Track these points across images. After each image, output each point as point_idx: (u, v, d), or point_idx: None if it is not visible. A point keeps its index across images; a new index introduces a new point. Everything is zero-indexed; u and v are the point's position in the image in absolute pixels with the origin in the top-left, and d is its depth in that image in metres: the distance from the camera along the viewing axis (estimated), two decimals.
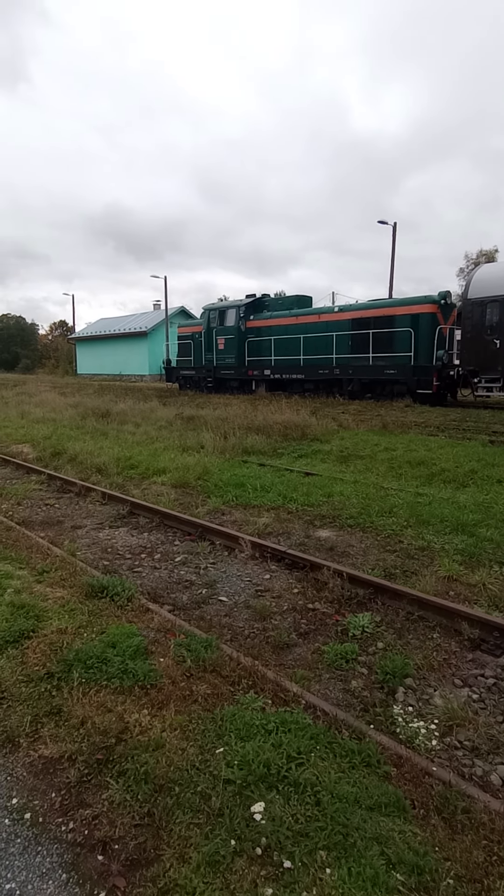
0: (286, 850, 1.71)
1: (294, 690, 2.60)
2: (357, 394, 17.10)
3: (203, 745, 2.17)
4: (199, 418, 12.67)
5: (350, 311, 18.07)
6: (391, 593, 3.71)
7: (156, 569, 4.46)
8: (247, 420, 11.73)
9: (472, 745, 2.38)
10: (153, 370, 37.39)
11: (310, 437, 10.26)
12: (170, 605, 3.77)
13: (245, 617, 3.61)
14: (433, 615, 3.46)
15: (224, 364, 21.57)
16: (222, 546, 4.88)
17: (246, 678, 2.68)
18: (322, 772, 2.02)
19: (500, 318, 14.08)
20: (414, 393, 15.66)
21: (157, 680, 2.59)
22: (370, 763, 2.11)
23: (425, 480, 7.06)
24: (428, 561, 4.40)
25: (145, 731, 2.21)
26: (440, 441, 9.58)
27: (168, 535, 5.28)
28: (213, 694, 2.55)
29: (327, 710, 2.46)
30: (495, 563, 4.29)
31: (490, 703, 2.69)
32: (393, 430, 10.84)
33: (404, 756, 2.17)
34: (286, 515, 5.72)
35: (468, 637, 3.21)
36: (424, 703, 2.68)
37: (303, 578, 4.14)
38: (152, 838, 1.78)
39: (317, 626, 3.48)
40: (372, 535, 5.05)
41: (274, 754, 2.08)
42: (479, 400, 15.70)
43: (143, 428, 11.98)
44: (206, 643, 2.94)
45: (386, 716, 2.59)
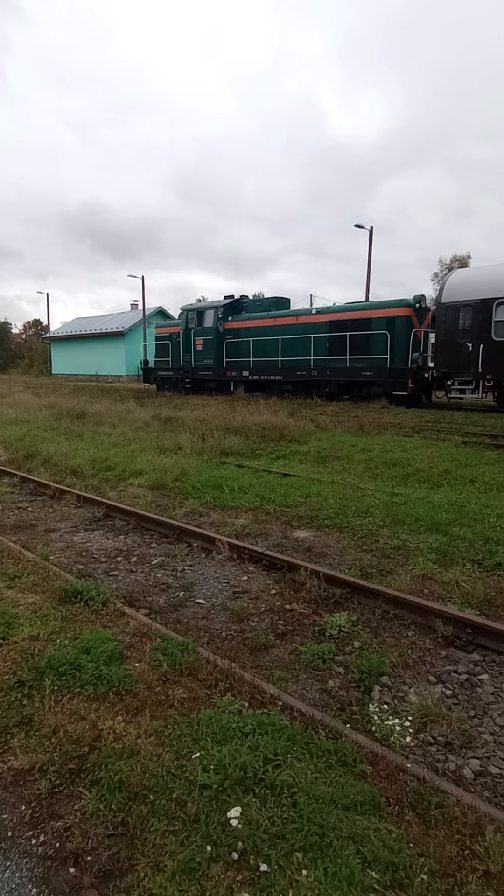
0: (262, 854, 1.70)
1: (271, 692, 2.59)
2: (334, 395, 17.24)
3: (179, 750, 2.15)
4: (176, 419, 12.60)
5: (327, 313, 18.22)
6: (367, 592, 3.73)
7: (132, 572, 4.41)
8: (225, 421, 11.71)
9: (446, 740, 2.41)
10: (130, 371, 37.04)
11: (288, 439, 10.30)
12: (146, 609, 3.73)
13: (222, 619, 3.59)
14: (408, 613, 3.50)
15: (202, 365, 21.50)
16: (200, 548, 4.86)
17: (223, 681, 2.67)
18: (299, 773, 2.02)
19: (473, 322, 14.38)
20: (390, 394, 15.87)
21: (132, 685, 2.55)
22: (346, 762, 2.11)
23: (401, 481, 7.14)
24: (403, 560, 4.45)
25: (119, 739, 2.17)
26: (415, 442, 9.72)
27: (145, 538, 5.22)
28: (190, 698, 2.52)
29: (304, 710, 2.47)
30: (468, 561, 4.36)
31: (463, 699, 2.73)
32: (369, 431, 10.95)
33: (379, 754, 2.19)
34: (264, 516, 5.72)
35: (442, 634, 3.25)
36: (400, 701, 2.71)
37: (280, 579, 4.14)
38: (126, 848, 1.75)
39: (294, 626, 3.49)
40: (349, 535, 5.09)
41: (251, 757, 2.07)
42: (452, 402, 15.99)
43: (119, 429, 11.85)
44: (183, 646, 2.91)
45: (362, 714, 2.60)
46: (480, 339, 14.20)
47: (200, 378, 21.82)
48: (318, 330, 17.81)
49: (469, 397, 15.26)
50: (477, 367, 14.35)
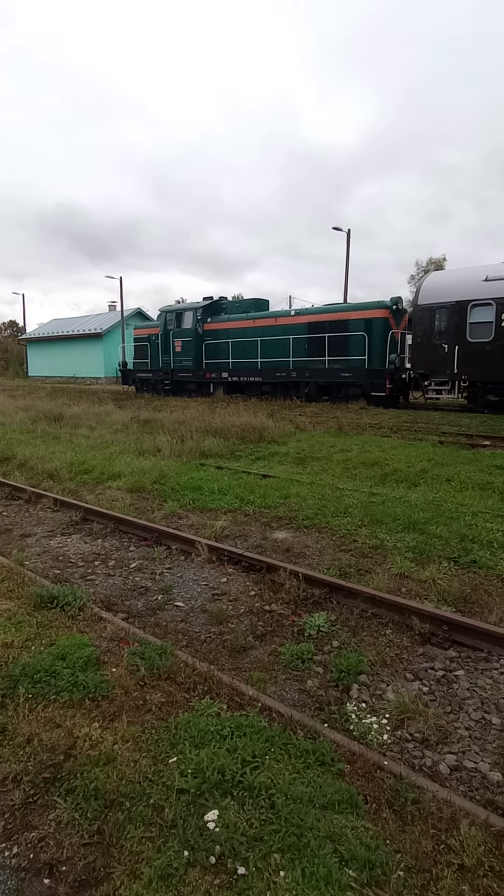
0: (240, 857, 1.69)
1: (250, 693, 2.59)
2: (314, 396, 17.35)
3: (156, 755, 2.13)
4: (155, 421, 12.52)
5: (306, 314, 18.33)
6: (346, 592, 3.76)
7: (110, 576, 4.36)
8: (204, 423, 11.67)
9: (423, 736, 2.44)
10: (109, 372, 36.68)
11: (267, 440, 10.32)
12: (124, 613, 3.69)
13: (201, 621, 3.58)
14: (386, 612, 3.53)
15: (181, 366, 21.42)
16: (179, 550, 4.83)
17: (201, 684, 2.65)
18: (277, 774, 2.02)
19: (449, 323, 14.62)
20: (368, 395, 16.04)
21: (108, 691, 2.52)
22: (324, 762, 2.12)
23: (379, 480, 7.22)
24: (381, 559, 4.50)
25: (96, 745, 2.14)
26: (393, 442, 9.84)
27: (123, 541, 5.17)
28: (168, 702, 2.50)
29: (283, 711, 2.47)
30: (444, 559, 4.43)
31: (439, 695, 2.76)
32: (348, 432, 11.04)
33: (357, 752, 2.20)
34: (243, 518, 5.71)
35: (419, 632, 3.29)
36: (378, 699, 2.73)
37: (260, 580, 4.14)
38: (102, 856, 1.72)
39: (273, 627, 3.49)
40: (327, 536, 5.12)
41: (229, 760, 2.06)
42: (429, 402, 16.24)
43: (97, 432, 11.72)
44: (161, 650, 2.89)
45: (340, 713, 2.62)
46: (456, 341, 14.45)
47: (180, 380, 21.73)
48: (297, 331, 17.90)
49: (445, 398, 15.52)
50: (453, 368, 14.60)
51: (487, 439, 10.06)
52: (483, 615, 3.53)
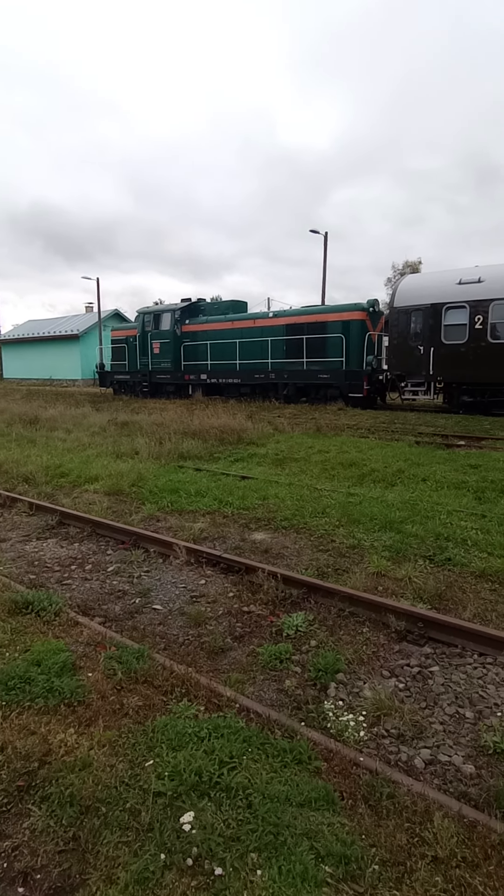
0: (217, 858, 1.70)
1: (227, 695, 2.59)
2: (292, 398, 17.43)
3: (133, 759, 2.12)
4: (133, 424, 12.42)
5: (284, 316, 18.40)
6: (324, 592, 3.79)
7: (87, 580, 4.31)
8: (183, 425, 11.63)
9: (398, 732, 2.48)
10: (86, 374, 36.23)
11: (246, 441, 10.33)
12: (101, 617, 3.65)
13: (180, 624, 3.56)
14: (363, 610, 3.57)
15: (160, 368, 21.29)
16: (157, 553, 4.80)
17: (179, 686, 2.65)
18: (254, 774, 2.03)
19: (424, 326, 14.86)
20: (346, 396, 16.19)
21: (84, 696, 2.49)
22: (301, 760, 2.14)
23: (356, 481, 7.29)
24: (358, 558, 4.55)
25: (71, 751, 2.12)
26: (370, 442, 9.95)
27: (100, 545, 5.12)
28: (145, 705, 2.49)
29: (260, 711, 2.48)
30: (420, 557, 4.50)
31: (415, 691, 2.81)
32: (326, 433, 11.13)
33: (334, 750, 2.22)
34: (222, 519, 5.71)
35: (395, 629, 3.34)
36: (355, 697, 2.76)
37: (238, 582, 4.14)
38: (78, 863, 1.71)
39: (252, 628, 3.50)
40: (306, 536, 5.15)
41: (206, 761, 2.06)
42: (406, 403, 16.46)
43: (74, 434, 11.58)
44: (138, 654, 2.87)
45: (318, 712, 2.64)
46: (431, 343, 14.69)
47: (158, 381, 21.60)
48: (275, 333, 17.96)
49: (421, 398, 15.75)
50: (428, 370, 14.83)
51: (462, 439, 10.26)
52: (457, 612, 3.60)
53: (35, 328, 43.52)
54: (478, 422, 12.58)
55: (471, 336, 14.02)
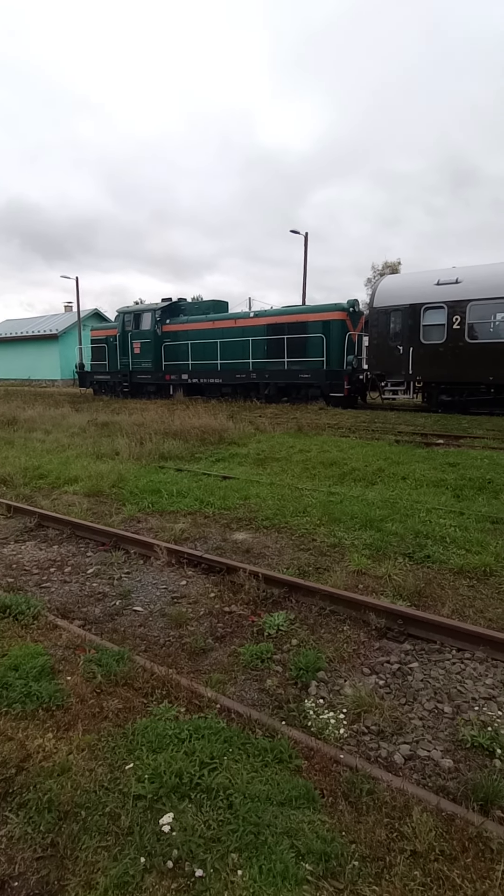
0: (198, 859, 1.69)
1: (208, 695, 2.58)
2: (273, 397, 17.48)
3: (113, 762, 2.10)
4: (114, 424, 12.31)
5: (265, 316, 18.45)
6: (305, 590, 3.81)
7: (66, 583, 4.26)
8: (164, 425, 11.56)
9: (378, 728, 2.50)
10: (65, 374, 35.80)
11: (227, 441, 10.32)
12: (81, 620, 3.61)
13: (160, 625, 3.54)
14: (344, 608, 3.60)
15: (140, 368, 21.15)
16: (137, 554, 4.76)
17: (160, 688, 2.63)
18: (235, 774, 2.02)
19: (403, 326, 15.04)
20: (327, 396, 16.30)
21: (63, 700, 2.46)
22: (282, 759, 2.14)
23: (337, 480, 7.34)
24: (339, 557, 4.58)
25: (49, 756, 2.09)
26: (351, 442, 10.02)
27: (80, 547, 5.06)
28: (125, 708, 2.47)
29: (241, 711, 2.48)
30: (399, 554, 4.55)
31: (395, 687, 2.84)
32: (308, 432, 11.18)
33: (314, 748, 2.23)
34: (203, 520, 5.70)
35: (375, 627, 3.37)
36: (335, 694, 2.78)
37: (219, 582, 4.13)
38: (56, 869, 1.68)
39: (233, 628, 3.49)
40: (287, 535, 5.17)
41: (187, 762, 2.06)
42: (386, 402, 16.64)
43: (53, 435, 11.42)
44: (118, 656, 2.85)
45: (299, 710, 2.64)
46: (410, 343, 14.88)
47: (139, 382, 21.45)
48: (256, 333, 17.99)
49: (401, 398, 15.94)
50: (408, 369, 15.02)
51: (441, 438, 10.41)
52: (436, 608, 3.65)
53: (13, 328, 42.83)
54: (456, 420, 12.77)
55: (449, 336, 14.24)
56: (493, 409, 14.08)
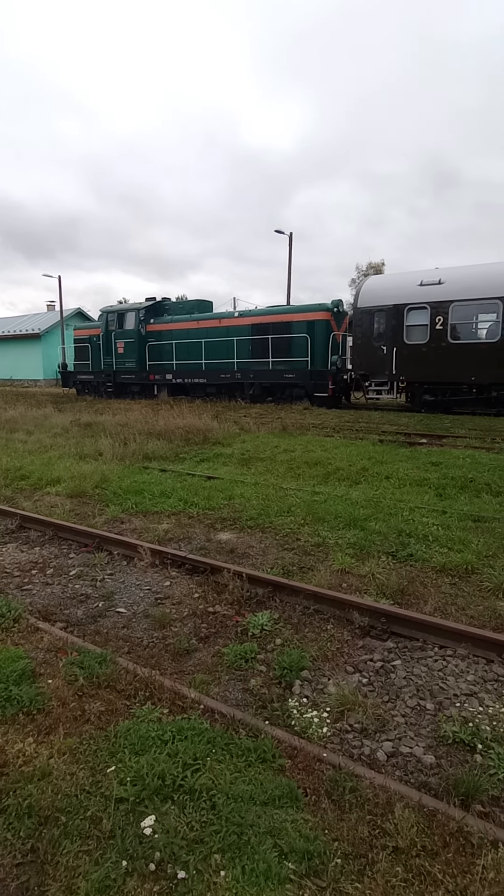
0: (180, 861, 1.68)
1: (192, 696, 2.57)
2: (258, 397, 17.48)
3: (94, 765, 2.08)
4: (97, 424, 12.20)
5: (250, 316, 18.43)
6: (289, 590, 3.81)
7: (48, 585, 4.20)
8: (148, 425, 11.50)
9: (362, 726, 2.51)
10: (48, 374, 35.36)
11: (212, 441, 10.30)
12: (63, 623, 3.57)
13: (144, 627, 3.52)
14: (327, 607, 3.61)
15: (124, 368, 20.99)
16: (121, 556, 4.73)
17: (142, 690, 2.61)
18: (218, 774, 2.02)
19: (387, 326, 15.16)
20: (311, 396, 16.35)
21: (44, 704, 2.43)
22: (266, 759, 2.14)
23: (321, 479, 7.37)
24: (323, 556, 4.60)
25: (30, 761, 2.06)
26: (335, 441, 10.07)
27: (62, 549, 5.00)
28: (108, 710, 2.45)
29: (225, 711, 2.47)
30: (383, 553, 4.59)
31: (378, 685, 2.86)
32: (292, 432, 11.21)
33: (298, 747, 2.24)
34: (187, 520, 5.67)
35: (359, 625, 3.39)
36: (319, 693, 2.79)
37: (203, 582, 4.12)
38: (36, 874, 1.66)
39: (217, 628, 3.48)
40: (271, 535, 5.17)
41: (169, 764, 2.04)
42: (370, 402, 16.76)
43: (35, 436, 11.28)
44: (101, 658, 2.82)
45: (283, 710, 2.65)
46: (394, 343, 15.00)
47: (122, 381, 21.29)
48: (240, 333, 17.97)
49: (385, 398, 16.07)
50: (391, 369, 15.14)
51: (424, 437, 10.51)
52: (419, 606, 3.69)
53: None
54: (439, 420, 12.92)
55: (432, 336, 14.39)
56: (474, 408, 14.27)
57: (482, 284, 13.73)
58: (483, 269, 14.12)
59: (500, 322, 13.45)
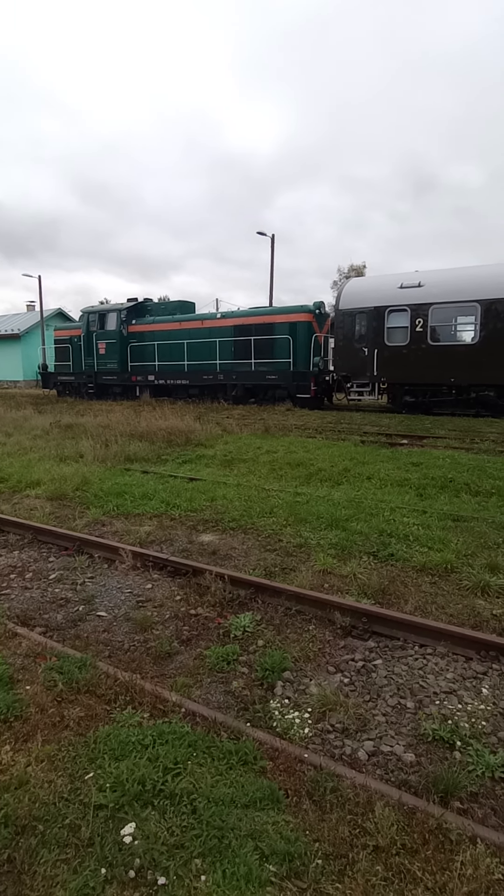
0: (161, 867, 1.66)
1: (173, 700, 2.55)
2: (241, 398, 17.49)
3: (73, 772, 2.05)
4: (78, 426, 12.06)
5: (232, 317, 18.43)
6: (271, 591, 3.81)
7: (27, 589, 4.14)
8: (130, 427, 11.41)
9: (343, 726, 2.52)
10: (28, 375, 34.88)
11: (194, 443, 10.26)
12: (42, 627, 3.51)
13: (125, 630, 3.48)
14: (309, 608, 3.62)
15: (106, 369, 20.81)
16: (102, 559, 4.67)
17: (123, 694, 2.58)
18: (199, 778, 2.01)
19: (368, 328, 15.29)
20: (294, 397, 16.41)
21: (22, 710, 2.39)
22: (247, 761, 2.14)
23: (304, 480, 7.39)
24: (305, 557, 4.61)
25: (6, 770, 2.02)
26: (318, 442, 10.12)
27: (42, 552, 4.93)
28: (87, 716, 2.42)
29: (206, 714, 2.46)
30: (364, 553, 4.62)
31: (359, 685, 2.87)
32: (275, 434, 11.23)
33: (279, 748, 2.23)
34: (169, 522, 5.64)
35: (340, 625, 3.40)
36: (301, 694, 2.79)
37: (185, 585, 4.10)
38: (13, 885, 1.63)
39: (199, 631, 3.47)
40: (253, 536, 5.17)
41: (150, 769, 2.02)
42: (351, 403, 16.90)
43: (14, 438, 11.10)
44: (81, 663, 2.78)
45: (265, 711, 2.64)
46: (375, 344, 15.14)
47: (104, 383, 21.10)
48: (223, 334, 17.96)
49: (367, 399, 16.20)
50: (373, 371, 15.28)
51: (405, 438, 10.63)
52: (399, 605, 3.72)
53: None
54: (420, 421, 13.07)
55: (412, 338, 14.56)
56: (454, 409, 14.48)
57: (461, 287, 13.94)
58: (462, 273, 14.34)
59: (479, 324, 13.67)
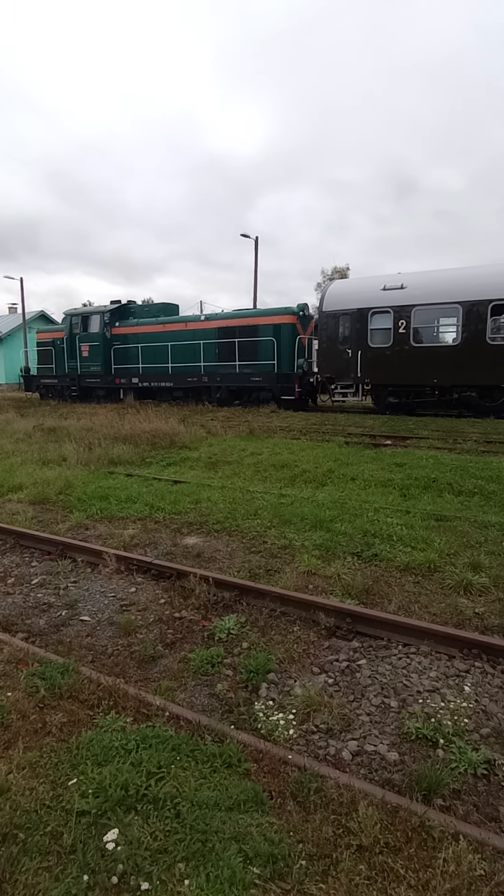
0: (144, 872, 1.65)
1: (157, 703, 2.54)
2: (225, 401, 17.47)
3: (56, 779, 2.02)
4: (61, 429, 11.94)
5: (216, 319, 18.41)
6: (255, 593, 3.81)
7: (9, 594, 4.08)
8: (114, 430, 11.32)
9: (327, 727, 2.53)
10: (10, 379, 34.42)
11: (179, 445, 10.22)
12: (24, 633, 3.47)
13: (109, 634, 3.46)
14: (294, 609, 3.63)
15: (89, 372, 20.63)
16: (85, 563, 4.63)
17: (106, 699, 2.56)
18: (183, 782, 2.00)
19: (352, 330, 15.40)
20: (278, 399, 16.44)
21: (3, 717, 2.36)
22: (231, 763, 2.13)
23: (288, 482, 7.41)
24: (289, 558, 4.62)
25: None
26: (302, 444, 10.15)
27: (24, 557, 4.86)
28: (70, 722, 2.39)
29: (190, 717, 2.45)
30: (348, 554, 4.64)
31: (343, 685, 2.89)
32: (259, 435, 11.24)
33: (264, 750, 2.24)
34: (153, 525, 5.61)
35: (325, 626, 3.42)
36: (285, 695, 2.79)
37: (169, 588, 4.08)
38: None
39: (184, 634, 3.45)
40: (238, 538, 5.17)
41: (133, 774, 2.01)
42: (336, 404, 16.98)
43: None
44: (63, 668, 2.75)
45: (249, 713, 2.64)
46: (358, 346, 15.25)
47: (87, 386, 20.91)
48: (207, 336, 17.93)
49: (351, 400, 16.30)
50: (357, 372, 15.38)
51: (389, 439, 10.72)
52: (383, 605, 3.75)
53: None
54: (403, 422, 13.19)
55: (395, 340, 14.69)
56: (437, 410, 14.64)
57: (443, 289, 14.12)
58: (444, 275, 14.52)
59: (460, 326, 13.86)
